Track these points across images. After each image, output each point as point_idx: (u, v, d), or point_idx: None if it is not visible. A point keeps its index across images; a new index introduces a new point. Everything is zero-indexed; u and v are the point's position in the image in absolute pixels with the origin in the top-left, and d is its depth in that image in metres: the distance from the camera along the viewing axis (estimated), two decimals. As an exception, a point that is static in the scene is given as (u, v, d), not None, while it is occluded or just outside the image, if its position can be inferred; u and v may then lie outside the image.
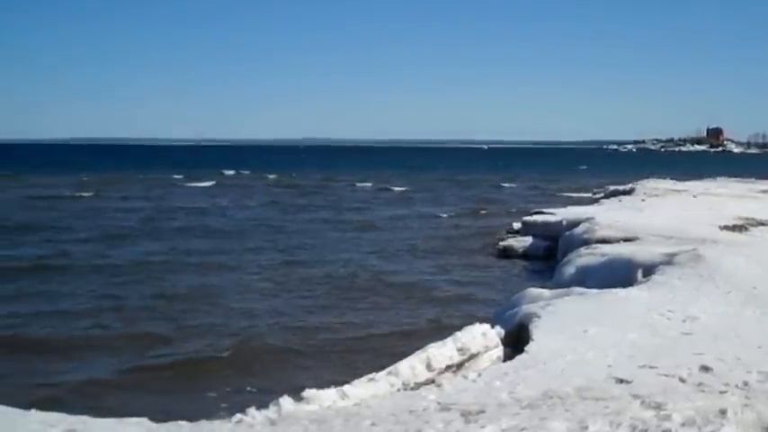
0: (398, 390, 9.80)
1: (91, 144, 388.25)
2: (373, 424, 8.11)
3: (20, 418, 8.41)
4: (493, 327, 12.24)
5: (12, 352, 16.27)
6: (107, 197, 56.57)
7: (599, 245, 22.30)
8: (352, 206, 50.68)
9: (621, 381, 9.48)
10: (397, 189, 68.14)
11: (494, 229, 36.29)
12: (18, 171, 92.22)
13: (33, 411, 8.80)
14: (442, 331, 15.30)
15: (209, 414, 9.45)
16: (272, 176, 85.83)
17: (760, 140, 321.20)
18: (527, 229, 32.67)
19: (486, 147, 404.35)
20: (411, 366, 10.24)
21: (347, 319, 19.41)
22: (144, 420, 8.27)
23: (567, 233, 26.74)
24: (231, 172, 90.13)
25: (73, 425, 8.20)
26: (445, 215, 45.20)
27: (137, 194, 59.83)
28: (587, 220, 27.54)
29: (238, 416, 8.51)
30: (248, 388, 14.19)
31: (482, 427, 8.02)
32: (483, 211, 47.53)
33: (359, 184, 74.63)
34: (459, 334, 11.32)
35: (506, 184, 78.03)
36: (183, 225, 38.86)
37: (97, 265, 26.29)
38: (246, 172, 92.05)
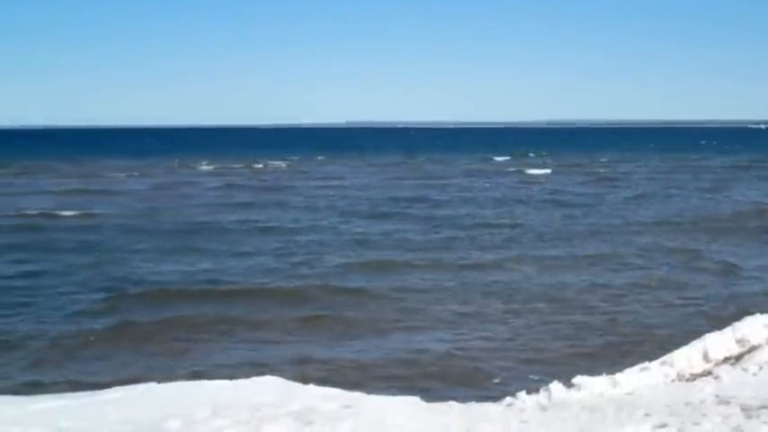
0: (673, 380, 9.56)
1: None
2: (647, 414, 7.97)
3: (299, 391, 8.95)
4: (776, 318, 11.65)
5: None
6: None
7: None
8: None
9: None
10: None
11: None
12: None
13: (311, 386, 9.33)
14: (716, 321, 14.70)
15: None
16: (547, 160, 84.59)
17: None
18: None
19: (764, 126, 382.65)
20: (687, 357, 9.95)
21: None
22: (416, 399, 8.56)
23: None
24: (502, 158, 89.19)
25: (349, 400, 8.63)
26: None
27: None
28: None
29: (509, 399, 8.62)
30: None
31: (765, 423, 7.68)
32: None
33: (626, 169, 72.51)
34: (737, 324, 10.87)
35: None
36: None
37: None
38: (507, 158, 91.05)
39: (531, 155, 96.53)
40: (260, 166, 75.47)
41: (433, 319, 17.50)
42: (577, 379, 8.98)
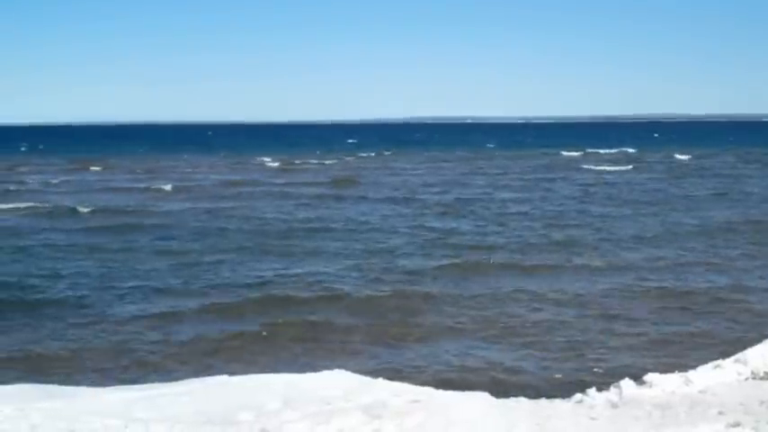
0: (746, 378, 9.51)
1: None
2: (720, 413, 7.96)
3: (368, 386, 9.12)
4: None
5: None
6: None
7: None
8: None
9: None
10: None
11: None
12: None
13: (380, 380, 9.49)
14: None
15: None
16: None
17: None
18: None
19: None
20: (762, 354, 9.88)
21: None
22: (485, 395, 8.65)
23: None
24: (574, 153, 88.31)
25: (418, 395, 8.77)
26: None
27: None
28: None
29: (579, 396, 8.66)
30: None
31: (842, 423, 7.63)
32: None
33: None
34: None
35: None
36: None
37: None
38: (579, 153, 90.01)
39: (602, 151, 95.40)
40: (331, 161, 75.72)
41: (512, 326, 17.21)
42: (649, 376, 8.98)
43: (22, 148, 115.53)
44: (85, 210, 35.96)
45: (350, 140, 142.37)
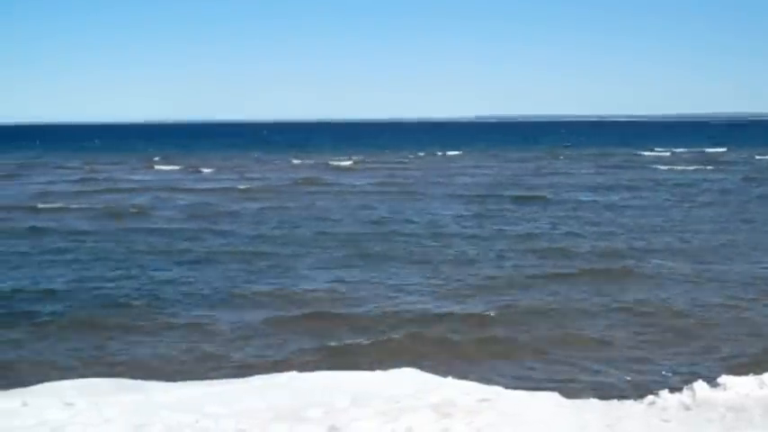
0: (827, 381, 9.42)
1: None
2: (796, 416, 7.94)
3: (437, 384, 9.28)
4: None
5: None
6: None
7: None
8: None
9: None
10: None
11: None
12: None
13: (450, 378, 9.63)
14: None
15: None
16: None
17: None
18: None
19: None
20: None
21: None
22: (555, 395, 8.72)
23: None
24: (657, 153, 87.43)
25: (486, 394, 8.88)
26: None
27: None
28: None
29: (651, 398, 8.69)
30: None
31: None
32: None
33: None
34: None
35: None
36: None
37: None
38: (665, 153, 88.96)
39: (680, 149, 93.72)
40: (402, 160, 75.46)
41: (586, 331, 16.97)
42: (722, 378, 8.96)
43: (95, 141, 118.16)
44: (159, 210, 36.26)
45: (421, 139, 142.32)
